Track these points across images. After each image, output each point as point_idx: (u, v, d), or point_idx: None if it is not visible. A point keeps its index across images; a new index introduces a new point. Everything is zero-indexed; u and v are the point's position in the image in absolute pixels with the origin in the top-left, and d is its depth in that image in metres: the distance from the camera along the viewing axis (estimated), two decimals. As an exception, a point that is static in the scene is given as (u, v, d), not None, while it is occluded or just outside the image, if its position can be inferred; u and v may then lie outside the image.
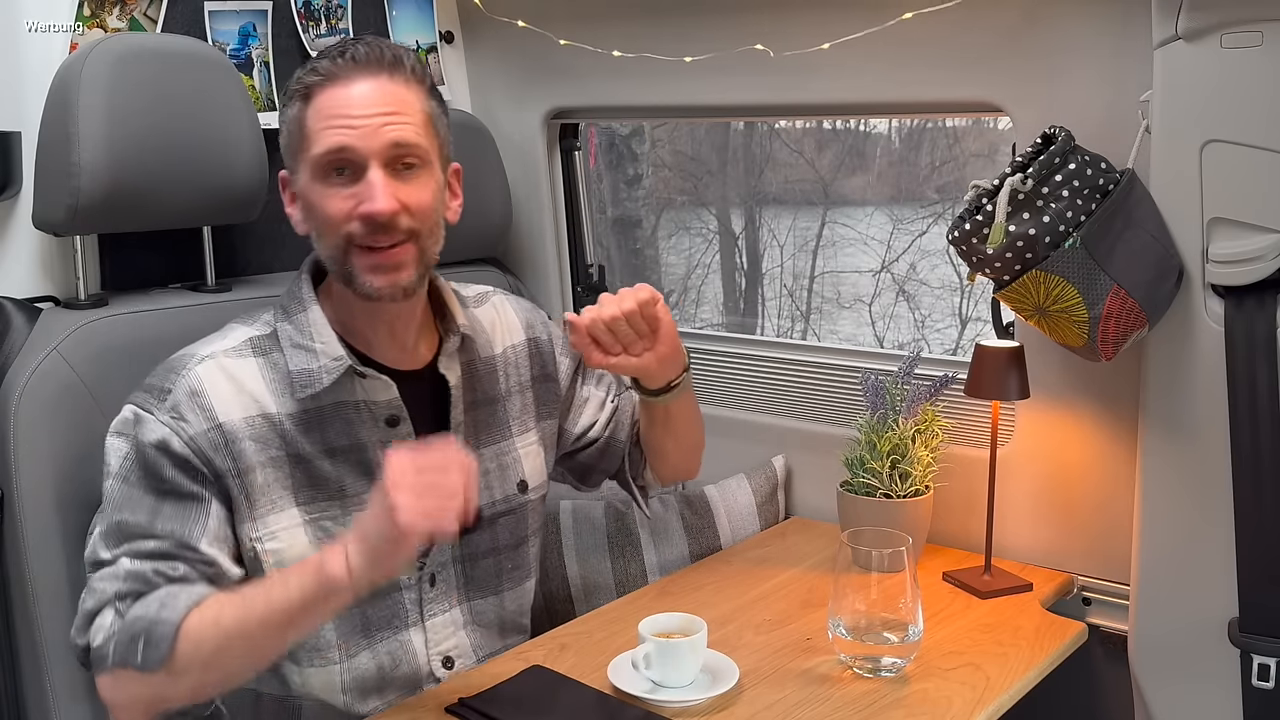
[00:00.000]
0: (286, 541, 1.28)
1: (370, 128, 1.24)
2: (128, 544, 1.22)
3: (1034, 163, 1.37)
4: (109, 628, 1.19)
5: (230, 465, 1.25)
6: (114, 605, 1.20)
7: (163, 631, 1.15)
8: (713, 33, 1.78)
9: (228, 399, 1.26)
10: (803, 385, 1.92)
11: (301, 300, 1.33)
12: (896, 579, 1.30)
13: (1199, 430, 1.41)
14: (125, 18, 1.59)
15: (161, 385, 1.27)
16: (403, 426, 1.33)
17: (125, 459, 1.25)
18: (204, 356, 1.28)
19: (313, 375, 1.29)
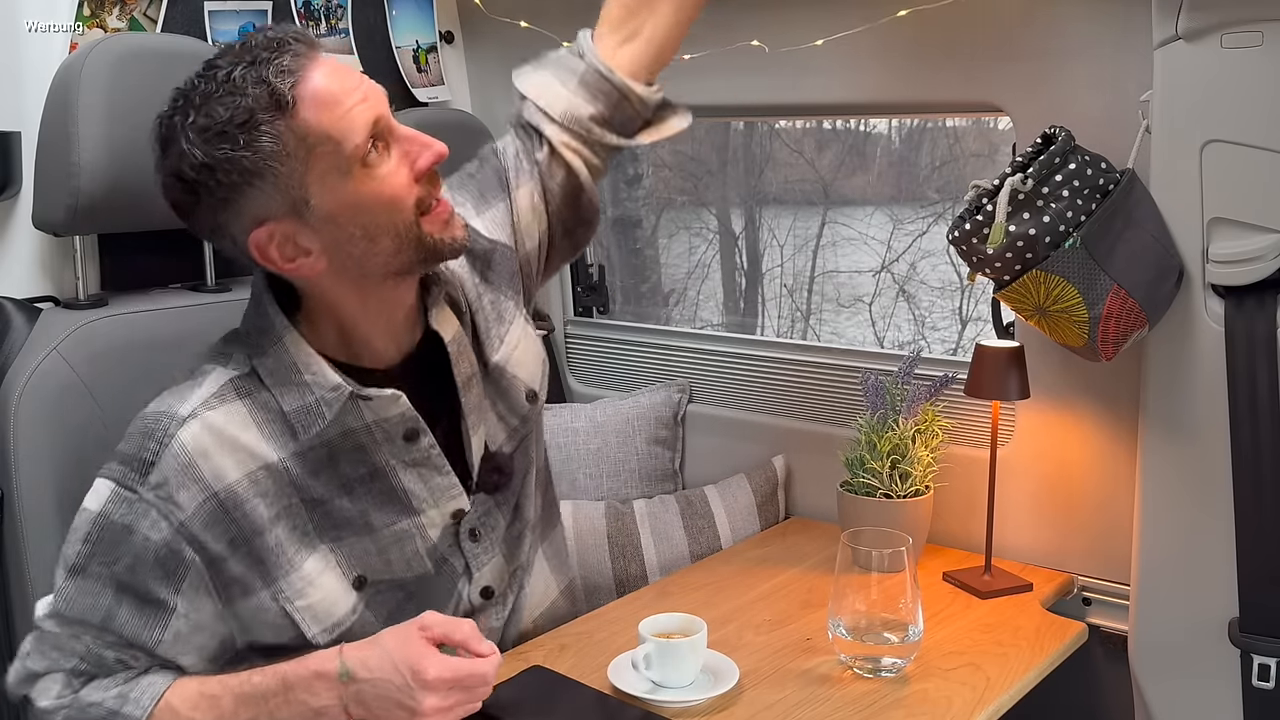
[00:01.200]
0: (318, 594, 1.19)
1: (373, 92, 1.12)
2: (83, 637, 1.14)
3: (1034, 163, 1.37)
4: (57, 697, 1.13)
5: (234, 533, 1.13)
6: (67, 677, 1.14)
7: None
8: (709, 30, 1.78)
9: (221, 460, 1.13)
10: (803, 385, 1.92)
11: (274, 331, 1.17)
12: (896, 579, 1.30)
13: (1199, 430, 1.41)
14: (125, 18, 1.59)
15: (140, 456, 1.12)
16: (423, 439, 1.22)
17: (87, 544, 1.12)
18: (185, 417, 1.12)
19: (312, 411, 1.15)
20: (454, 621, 1.16)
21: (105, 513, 1.12)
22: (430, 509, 1.24)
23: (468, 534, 1.29)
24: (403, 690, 1.10)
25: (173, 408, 1.14)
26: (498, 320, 1.33)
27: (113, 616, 1.12)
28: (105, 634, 1.13)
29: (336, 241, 1.12)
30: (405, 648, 1.12)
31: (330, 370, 1.17)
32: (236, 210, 1.10)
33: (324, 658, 1.14)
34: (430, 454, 1.23)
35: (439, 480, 1.24)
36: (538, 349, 1.39)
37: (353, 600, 1.21)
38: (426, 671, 1.10)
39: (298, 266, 1.13)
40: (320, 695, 1.12)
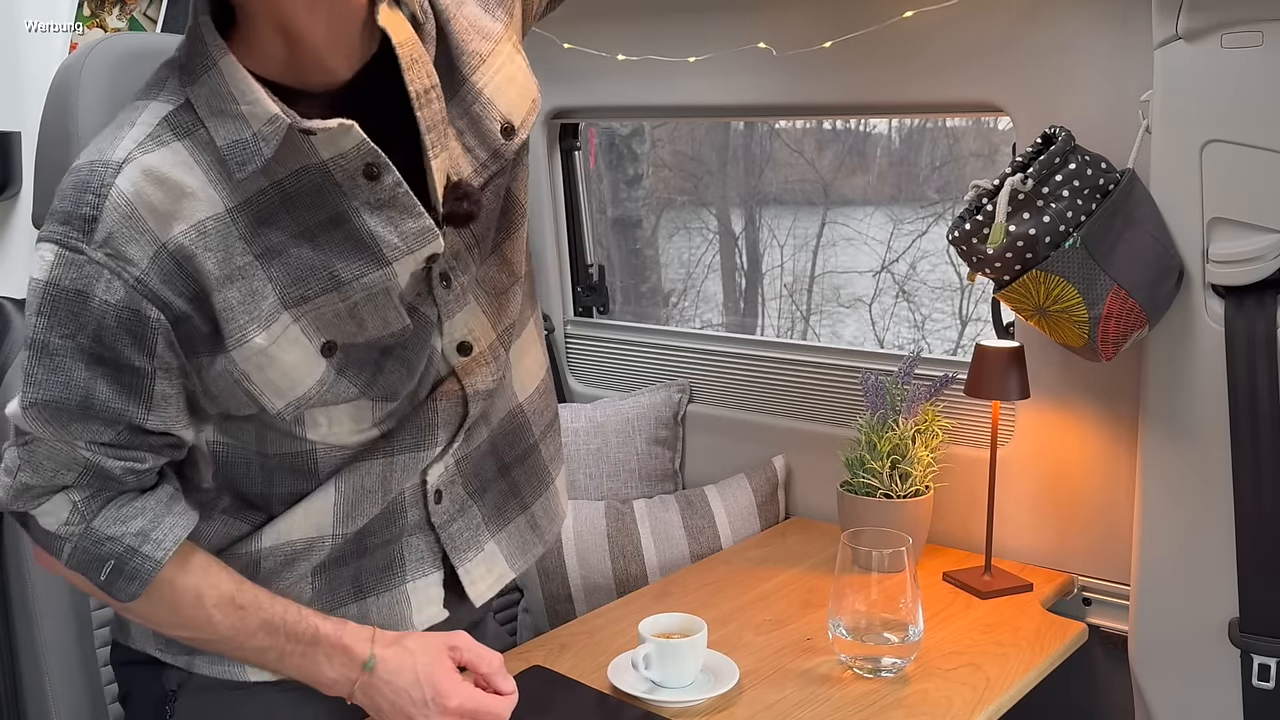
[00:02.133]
0: (277, 368, 1.06)
1: None
2: (70, 426, 1.03)
3: (1034, 163, 1.37)
4: (64, 524, 1.06)
5: (192, 290, 1.02)
6: (69, 496, 1.06)
7: (142, 568, 1.06)
8: (715, 32, 1.78)
9: (166, 209, 1.00)
10: (803, 385, 1.92)
11: (206, 52, 1.02)
12: (896, 579, 1.30)
13: (1199, 430, 1.41)
14: (125, 18, 1.59)
15: (79, 212, 0.99)
16: (386, 177, 1.05)
17: (43, 317, 1.00)
18: (120, 162, 1.00)
19: (247, 147, 1.01)
20: (486, 651, 1.16)
21: (54, 280, 1.00)
22: (403, 256, 1.08)
23: (439, 278, 1.14)
24: (418, 705, 1.11)
25: (105, 153, 1.01)
26: (478, 36, 1.15)
27: (91, 393, 1.02)
28: (92, 423, 1.03)
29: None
30: (433, 666, 1.12)
31: (268, 99, 1.01)
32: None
33: (359, 636, 1.13)
34: (397, 193, 1.07)
35: (410, 224, 1.08)
36: (526, 83, 1.21)
37: (321, 370, 1.09)
38: (449, 698, 1.11)
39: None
40: (337, 667, 1.12)
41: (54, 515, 1.06)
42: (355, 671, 1.12)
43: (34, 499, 1.06)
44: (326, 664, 1.13)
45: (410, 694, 1.11)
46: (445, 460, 1.22)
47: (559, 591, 1.82)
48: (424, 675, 1.12)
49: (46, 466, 1.05)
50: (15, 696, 1.43)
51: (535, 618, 1.85)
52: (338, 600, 1.21)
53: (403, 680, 1.12)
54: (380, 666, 1.12)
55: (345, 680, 1.13)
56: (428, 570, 1.25)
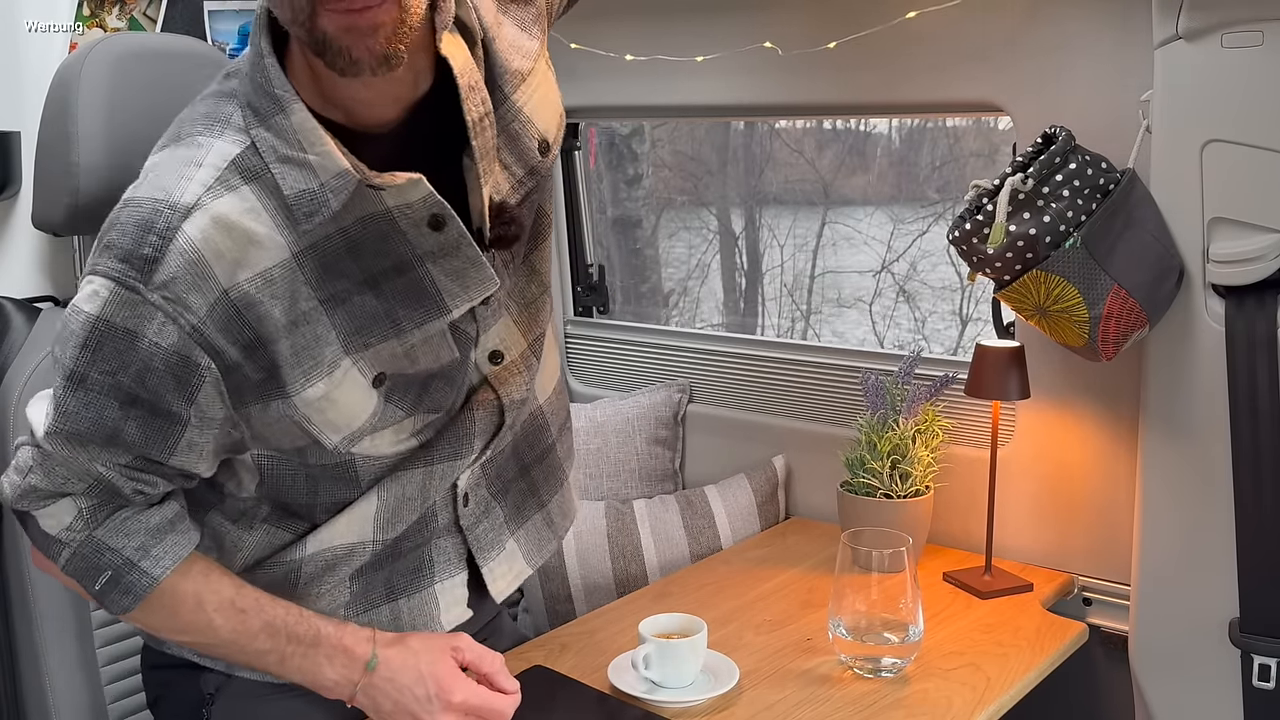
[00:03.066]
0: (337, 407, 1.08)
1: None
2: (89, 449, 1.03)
3: (1034, 162, 1.37)
4: (67, 529, 1.06)
5: (249, 337, 1.01)
6: (77, 507, 1.06)
7: (138, 583, 1.07)
8: (721, 32, 1.78)
9: (234, 258, 0.99)
10: (803, 385, 1.92)
11: (275, 97, 1.00)
12: (897, 579, 1.30)
13: (1199, 430, 1.41)
14: (125, 18, 1.59)
15: (140, 251, 0.97)
16: (451, 226, 1.06)
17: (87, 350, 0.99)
18: (189, 207, 0.98)
19: (314, 198, 1.01)
20: (487, 652, 1.16)
21: (105, 316, 0.98)
22: (462, 304, 1.11)
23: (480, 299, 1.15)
24: (422, 703, 1.11)
25: (172, 194, 1.00)
26: (519, 54, 1.15)
27: (120, 430, 1.02)
28: (114, 450, 1.03)
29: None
30: (436, 665, 1.12)
31: (337, 152, 1.00)
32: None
33: (359, 636, 1.13)
34: (460, 243, 1.08)
35: (472, 274, 1.10)
36: (557, 98, 1.23)
37: (374, 402, 1.11)
38: (453, 693, 1.11)
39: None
40: (338, 669, 1.12)
41: (56, 519, 1.06)
42: (357, 673, 1.12)
43: (39, 500, 1.06)
44: (328, 665, 1.12)
45: (414, 691, 1.11)
46: (475, 465, 1.24)
47: (559, 591, 1.82)
48: (427, 672, 1.12)
49: (58, 474, 1.05)
50: (15, 696, 1.43)
51: (535, 618, 1.85)
52: (371, 603, 1.23)
53: (406, 678, 1.12)
54: (383, 666, 1.12)
55: (346, 682, 1.12)
56: (454, 571, 1.27)
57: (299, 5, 0.93)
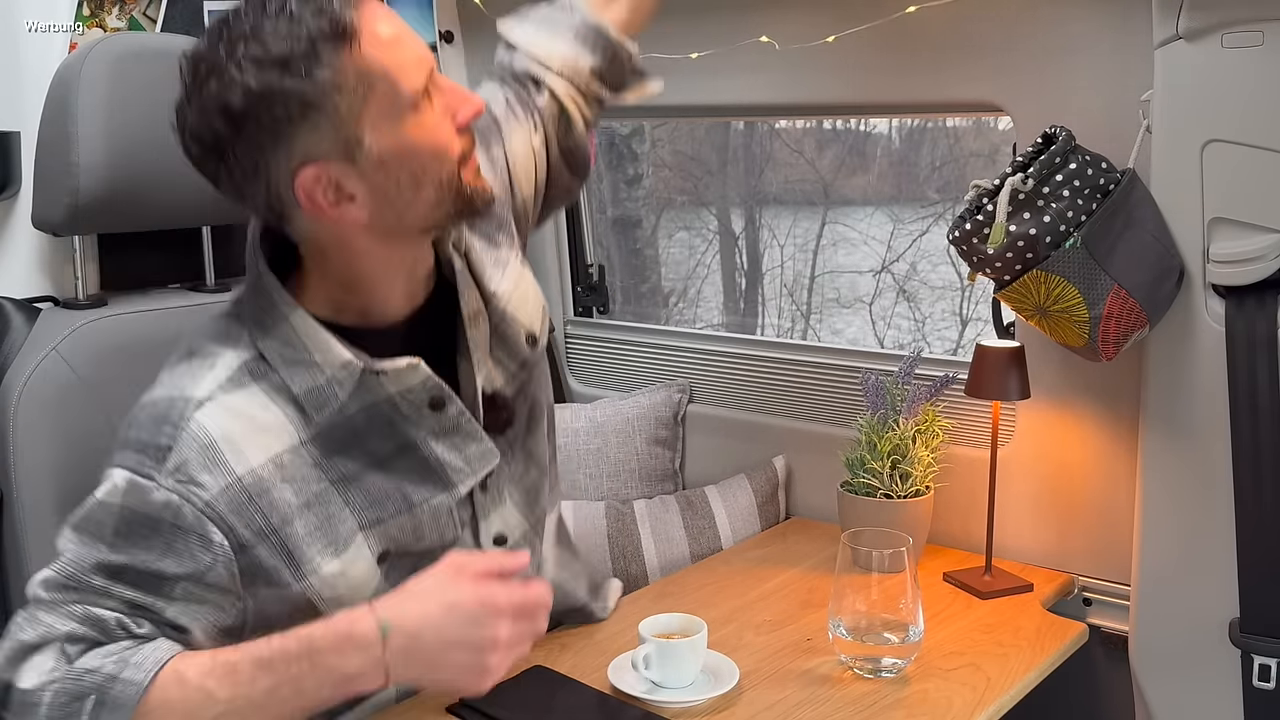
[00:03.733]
0: (348, 583, 1.12)
1: (420, 38, 1.10)
2: (84, 594, 1.05)
3: (1034, 163, 1.37)
4: (49, 673, 1.02)
5: (261, 523, 1.07)
6: (61, 647, 1.03)
7: (123, 694, 1.00)
8: (718, 28, 1.77)
9: (244, 443, 1.06)
10: (803, 385, 1.92)
11: (275, 307, 1.11)
12: (897, 579, 1.30)
13: (1199, 430, 1.41)
14: (124, 17, 1.59)
15: (156, 442, 1.05)
16: (450, 407, 1.16)
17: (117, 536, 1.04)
18: (201, 400, 1.07)
19: (323, 392, 1.10)
20: (478, 555, 1.11)
21: (127, 505, 1.04)
22: (468, 479, 1.19)
23: (479, 485, 1.22)
24: (471, 626, 1.02)
25: (186, 390, 1.07)
26: (494, 262, 1.26)
27: (121, 573, 1.04)
28: (107, 598, 1.04)
29: (383, 189, 1.06)
30: (454, 586, 1.04)
31: (339, 346, 1.10)
32: (285, 148, 1.02)
33: (353, 617, 1.03)
34: (460, 421, 1.17)
35: (473, 448, 1.19)
36: (537, 292, 1.32)
37: (377, 579, 1.14)
38: (496, 598, 1.03)
39: (341, 214, 1.06)
40: (353, 658, 1.02)
41: (38, 669, 1.02)
42: (376, 649, 1.02)
43: (23, 657, 1.03)
44: (342, 661, 1.02)
45: (454, 624, 1.02)
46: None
47: (559, 591, 1.82)
48: (454, 599, 1.03)
49: (44, 622, 1.05)
50: (15, 697, 1.43)
51: (535, 618, 1.85)
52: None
53: (435, 619, 1.03)
54: (397, 628, 1.02)
55: (373, 664, 1.02)
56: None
57: (446, 177, 1.09)
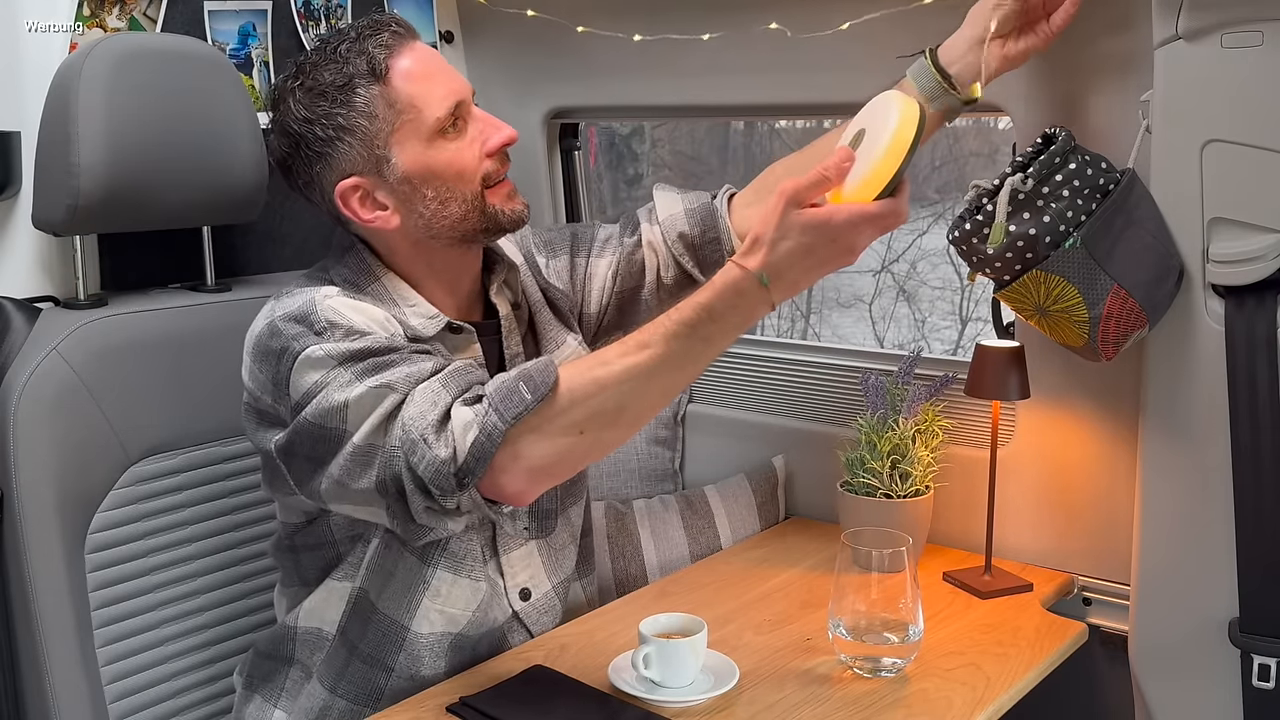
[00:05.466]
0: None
1: (460, 80, 1.33)
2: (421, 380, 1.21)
3: (1034, 162, 1.37)
4: (473, 414, 1.17)
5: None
6: (461, 399, 1.19)
7: (543, 365, 1.18)
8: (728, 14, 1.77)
9: (368, 322, 1.25)
10: (803, 385, 1.92)
11: (371, 270, 1.34)
12: (896, 579, 1.30)
13: (1199, 430, 1.41)
14: (125, 17, 1.59)
15: (306, 329, 1.24)
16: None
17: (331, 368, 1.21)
18: (323, 295, 1.27)
19: (413, 329, 1.30)
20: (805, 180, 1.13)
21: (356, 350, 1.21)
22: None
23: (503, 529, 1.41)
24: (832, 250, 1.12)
25: (305, 296, 1.27)
26: (555, 332, 1.48)
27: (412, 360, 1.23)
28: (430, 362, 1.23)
29: (409, 201, 1.29)
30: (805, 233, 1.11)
31: (426, 301, 1.33)
32: (329, 163, 1.28)
33: (734, 279, 1.13)
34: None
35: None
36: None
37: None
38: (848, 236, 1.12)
39: (375, 219, 1.30)
40: (748, 309, 1.14)
41: (468, 421, 1.16)
42: (762, 293, 1.13)
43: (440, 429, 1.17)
44: (740, 314, 1.14)
45: (816, 256, 1.12)
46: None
47: (559, 591, 1.82)
48: (806, 245, 1.12)
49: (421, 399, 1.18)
50: (15, 696, 1.43)
51: (535, 618, 1.85)
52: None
53: (799, 258, 1.12)
54: (772, 274, 1.12)
55: (763, 304, 1.14)
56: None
57: (471, 196, 1.31)
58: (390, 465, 1.18)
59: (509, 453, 1.17)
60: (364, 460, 1.19)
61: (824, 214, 1.11)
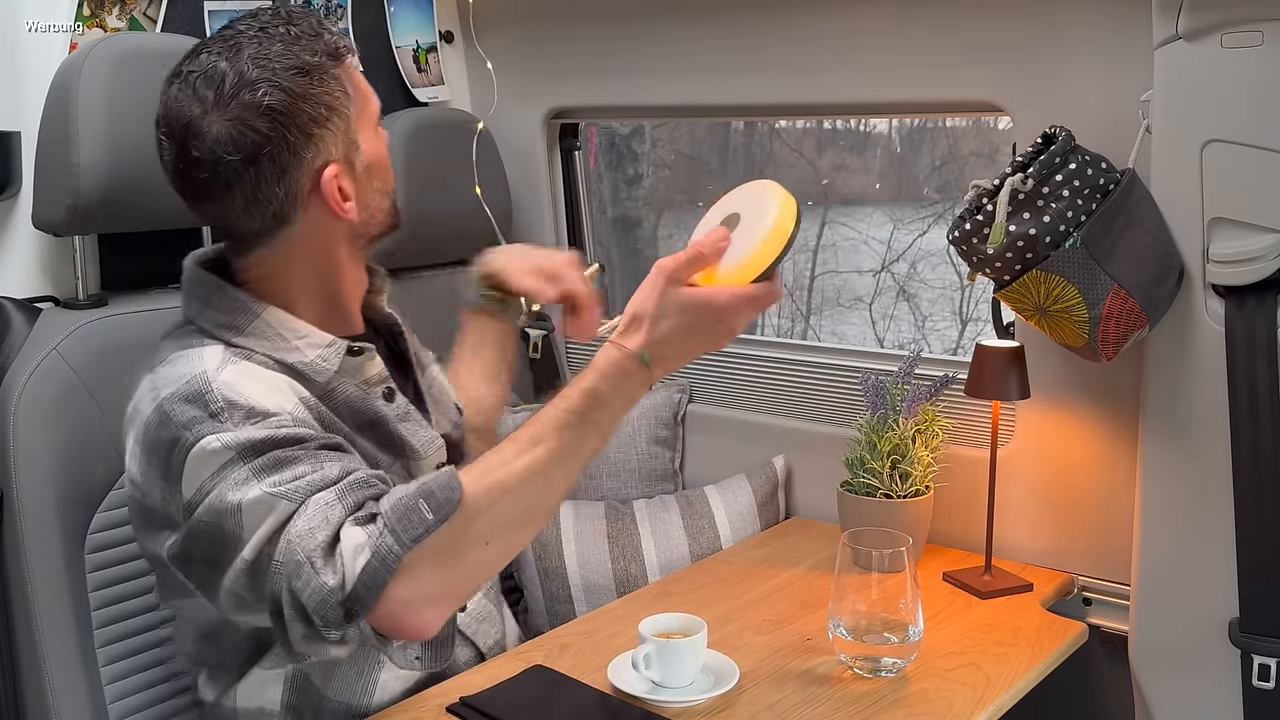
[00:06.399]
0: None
1: None
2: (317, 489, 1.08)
3: (1034, 163, 1.37)
4: (366, 535, 1.04)
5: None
6: (354, 517, 1.06)
7: (445, 480, 1.07)
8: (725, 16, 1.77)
9: (267, 395, 1.14)
10: (803, 385, 1.92)
11: (246, 309, 1.21)
12: (897, 579, 1.30)
13: (1199, 430, 1.41)
14: (125, 17, 1.59)
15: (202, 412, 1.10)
16: (399, 397, 1.29)
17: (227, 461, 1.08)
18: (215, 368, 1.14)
19: (315, 366, 1.21)
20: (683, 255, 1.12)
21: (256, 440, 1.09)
22: (424, 460, 1.30)
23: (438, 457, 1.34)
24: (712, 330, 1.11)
25: (194, 368, 1.14)
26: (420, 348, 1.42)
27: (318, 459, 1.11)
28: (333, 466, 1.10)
29: (365, 193, 1.22)
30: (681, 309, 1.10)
31: (318, 330, 1.23)
32: (315, 147, 1.16)
33: (615, 359, 1.10)
34: (410, 410, 1.30)
35: (424, 433, 1.30)
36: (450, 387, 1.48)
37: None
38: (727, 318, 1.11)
39: (347, 210, 1.20)
40: (631, 389, 1.11)
41: (360, 543, 1.04)
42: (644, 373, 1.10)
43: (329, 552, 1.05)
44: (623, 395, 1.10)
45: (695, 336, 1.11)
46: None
47: (559, 591, 1.82)
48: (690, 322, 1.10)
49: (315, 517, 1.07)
50: (15, 696, 1.43)
51: (535, 618, 1.85)
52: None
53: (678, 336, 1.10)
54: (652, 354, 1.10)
55: (644, 384, 1.11)
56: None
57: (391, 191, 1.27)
58: (272, 582, 1.06)
59: (407, 580, 1.04)
60: (255, 572, 1.07)
61: (706, 294, 1.10)
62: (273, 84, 1.12)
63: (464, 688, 1.30)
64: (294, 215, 1.18)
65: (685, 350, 1.12)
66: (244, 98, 1.12)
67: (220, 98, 1.13)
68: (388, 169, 1.27)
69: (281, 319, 1.21)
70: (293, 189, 1.16)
